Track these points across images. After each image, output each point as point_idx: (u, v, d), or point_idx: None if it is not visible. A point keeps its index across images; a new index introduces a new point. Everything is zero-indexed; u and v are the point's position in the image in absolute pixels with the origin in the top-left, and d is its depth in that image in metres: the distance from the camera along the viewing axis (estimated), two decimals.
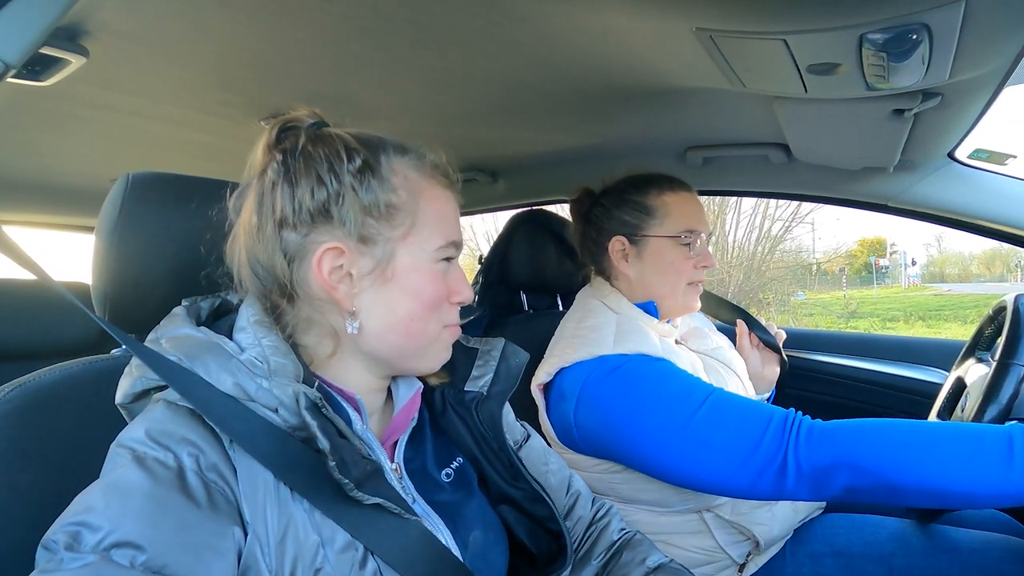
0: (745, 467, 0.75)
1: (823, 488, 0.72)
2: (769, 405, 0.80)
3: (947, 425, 0.71)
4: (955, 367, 1.04)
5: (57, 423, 0.57)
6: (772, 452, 0.74)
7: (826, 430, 0.73)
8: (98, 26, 0.72)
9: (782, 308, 9.50)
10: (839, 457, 0.70)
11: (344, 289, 0.53)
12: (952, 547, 0.91)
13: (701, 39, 0.72)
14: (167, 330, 0.51)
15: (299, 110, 0.57)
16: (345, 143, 0.54)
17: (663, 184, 0.98)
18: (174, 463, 0.44)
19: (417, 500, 0.56)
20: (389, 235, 0.54)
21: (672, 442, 0.79)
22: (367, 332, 0.55)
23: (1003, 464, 0.65)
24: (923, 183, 1.14)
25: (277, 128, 0.56)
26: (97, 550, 0.39)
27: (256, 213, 0.54)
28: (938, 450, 0.68)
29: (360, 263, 0.53)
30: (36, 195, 1.46)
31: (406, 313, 0.55)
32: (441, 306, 0.57)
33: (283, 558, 0.45)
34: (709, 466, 0.77)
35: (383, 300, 0.54)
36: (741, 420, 0.77)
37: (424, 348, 0.58)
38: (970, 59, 0.69)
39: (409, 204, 0.55)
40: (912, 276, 17.38)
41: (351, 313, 0.54)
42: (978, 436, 0.68)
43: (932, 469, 0.67)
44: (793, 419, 0.76)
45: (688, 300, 0.99)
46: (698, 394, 0.81)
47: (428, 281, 0.56)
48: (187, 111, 1.03)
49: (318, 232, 0.53)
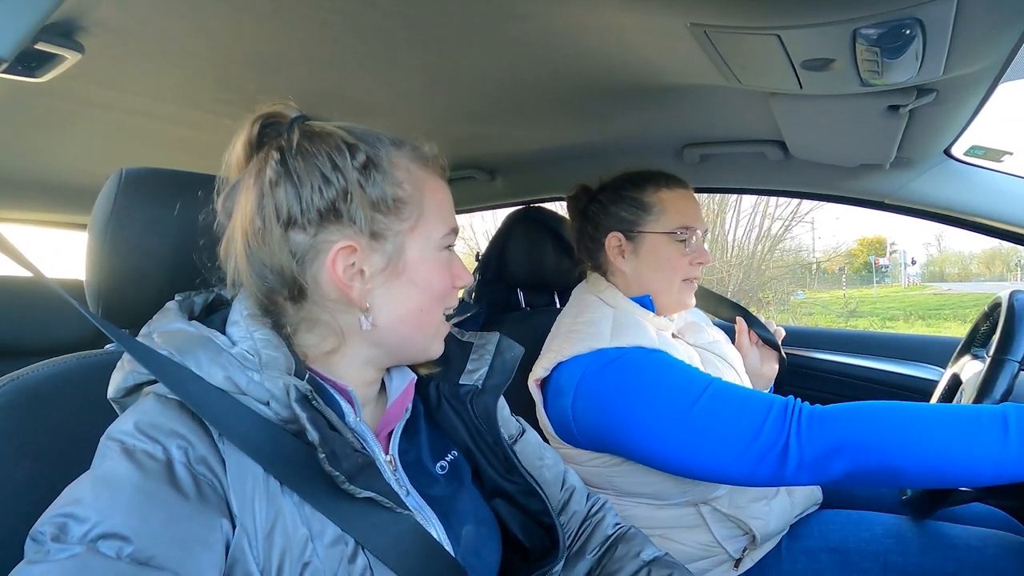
0: (747, 454, 0.75)
1: (824, 472, 0.72)
2: (768, 394, 0.80)
3: (943, 407, 0.72)
4: (951, 364, 1.04)
5: (51, 418, 0.57)
6: (774, 437, 0.74)
7: (826, 414, 0.74)
8: (94, 23, 0.72)
9: (782, 307, 9.51)
10: (840, 440, 0.71)
11: (358, 287, 0.53)
12: (948, 543, 0.91)
13: (695, 34, 0.72)
14: (159, 324, 0.51)
15: (275, 104, 0.55)
16: (342, 138, 0.53)
17: (660, 181, 0.99)
18: (163, 455, 0.44)
19: (411, 493, 0.56)
20: (398, 229, 0.55)
21: (673, 432, 0.79)
22: (378, 327, 0.55)
23: (999, 441, 0.67)
24: (920, 180, 1.14)
25: (259, 124, 0.54)
26: (84, 541, 0.39)
27: (258, 215, 0.52)
28: (936, 430, 0.69)
29: (372, 260, 0.54)
30: (33, 192, 1.46)
31: (417, 304, 0.56)
32: (449, 294, 0.59)
33: (271, 551, 0.45)
34: (711, 454, 0.77)
35: (395, 294, 0.55)
36: (742, 408, 0.77)
37: (430, 336, 0.59)
38: (964, 55, 0.69)
39: (414, 196, 0.55)
40: (912, 275, 17.38)
41: (365, 310, 0.54)
42: (974, 415, 0.70)
43: (931, 449, 0.68)
44: (793, 405, 0.76)
45: (683, 296, 0.99)
46: (698, 384, 0.81)
47: (436, 271, 0.57)
48: (184, 108, 1.03)
49: (328, 231, 0.52)
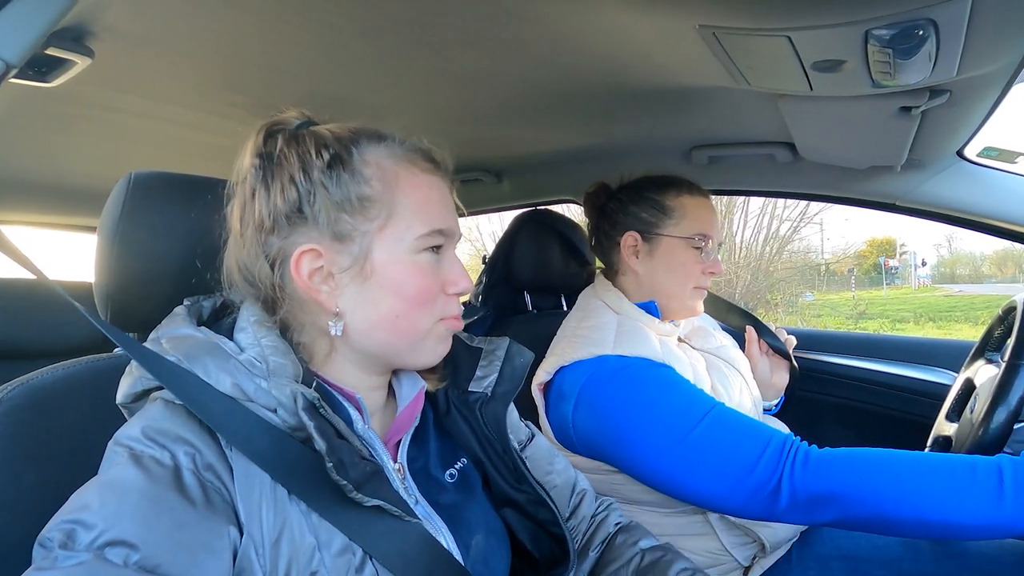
0: (739, 486, 0.75)
1: (814, 515, 0.73)
2: (768, 427, 0.79)
3: (940, 457, 0.71)
4: (964, 368, 1.03)
5: (60, 421, 0.57)
6: (767, 475, 0.74)
7: (822, 459, 0.73)
8: (103, 27, 0.72)
9: (790, 309, 9.44)
10: (832, 489, 0.71)
11: (326, 290, 0.53)
12: (963, 552, 0.90)
13: (704, 36, 0.71)
14: (167, 330, 0.51)
15: (288, 112, 0.56)
16: (320, 140, 0.53)
17: (682, 186, 0.99)
18: (170, 462, 0.44)
19: (420, 501, 0.56)
20: (365, 229, 0.53)
21: (669, 453, 0.79)
22: (354, 331, 0.54)
23: (994, 496, 0.66)
24: (931, 182, 1.13)
25: (264, 132, 0.55)
26: (91, 548, 0.39)
27: (240, 220, 0.54)
28: (933, 483, 0.68)
29: (338, 262, 0.53)
30: (44, 195, 1.47)
31: (390, 310, 0.54)
32: (433, 300, 0.55)
33: (277, 560, 0.45)
34: (703, 481, 0.77)
35: (366, 298, 0.53)
36: (739, 438, 0.77)
37: (416, 344, 0.56)
38: (978, 55, 0.68)
39: (384, 194, 0.53)
40: (922, 277, 17.19)
41: (335, 314, 0.53)
42: (970, 468, 0.68)
43: (927, 503, 0.67)
44: (791, 444, 0.76)
45: (692, 303, 0.99)
46: (699, 407, 0.81)
47: (409, 275, 0.54)
48: (194, 112, 1.04)
49: (296, 234, 0.53)
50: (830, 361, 1.50)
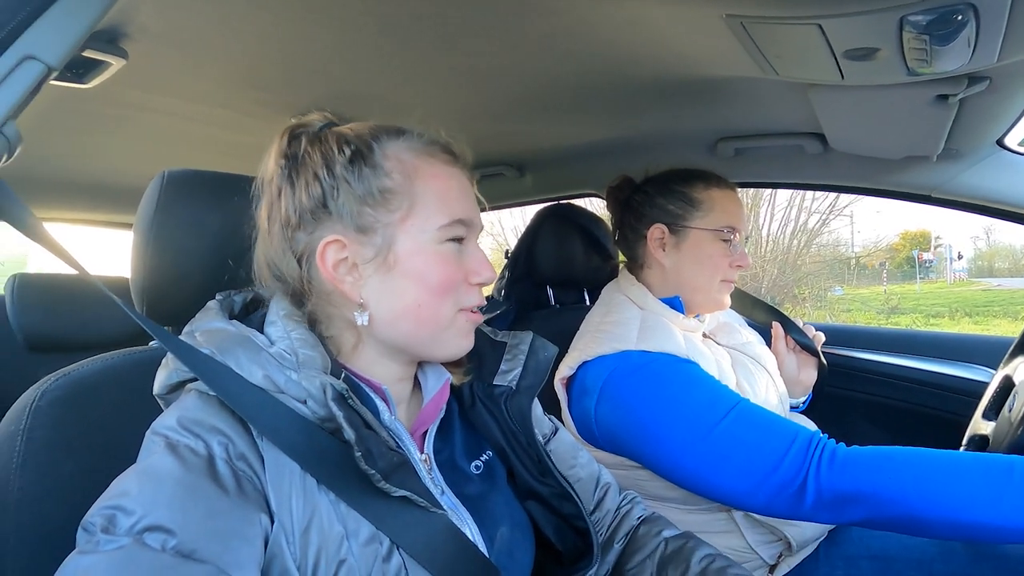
0: (764, 484, 0.74)
1: (841, 514, 0.71)
2: (794, 424, 0.78)
3: (975, 456, 0.69)
4: (1003, 365, 0.99)
5: (98, 412, 0.59)
6: (792, 473, 0.73)
7: (849, 457, 0.72)
8: (136, 29, 0.74)
9: (818, 304, 9.23)
10: (859, 488, 0.69)
11: (350, 280, 0.54)
12: (998, 554, 0.87)
13: (732, 26, 0.70)
14: (201, 323, 0.53)
15: (313, 114, 0.58)
16: (342, 138, 0.55)
17: (710, 179, 0.98)
18: (205, 451, 0.46)
19: (446, 492, 0.57)
20: (387, 220, 0.54)
21: (692, 449, 0.78)
22: (378, 322, 0.55)
23: None
24: (969, 172, 1.09)
25: (288, 134, 0.57)
26: (131, 533, 0.41)
27: (267, 218, 0.56)
28: (966, 483, 0.66)
29: (362, 253, 0.54)
30: (82, 193, 1.52)
31: (413, 299, 0.55)
32: (455, 289, 0.56)
33: (307, 548, 0.46)
34: (727, 478, 0.77)
35: (390, 288, 0.55)
36: (764, 435, 0.76)
37: (438, 334, 0.57)
38: (1021, 40, 0.65)
39: (404, 186, 0.54)
40: (958, 271, 16.60)
41: (360, 305, 0.54)
42: (1007, 468, 0.66)
43: (959, 503, 0.65)
44: (817, 441, 0.75)
45: (719, 296, 0.98)
46: (724, 403, 0.80)
47: (433, 264, 0.55)
48: (222, 110, 1.06)
49: (322, 229, 0.54)
50: (860, 357, 1.46)
